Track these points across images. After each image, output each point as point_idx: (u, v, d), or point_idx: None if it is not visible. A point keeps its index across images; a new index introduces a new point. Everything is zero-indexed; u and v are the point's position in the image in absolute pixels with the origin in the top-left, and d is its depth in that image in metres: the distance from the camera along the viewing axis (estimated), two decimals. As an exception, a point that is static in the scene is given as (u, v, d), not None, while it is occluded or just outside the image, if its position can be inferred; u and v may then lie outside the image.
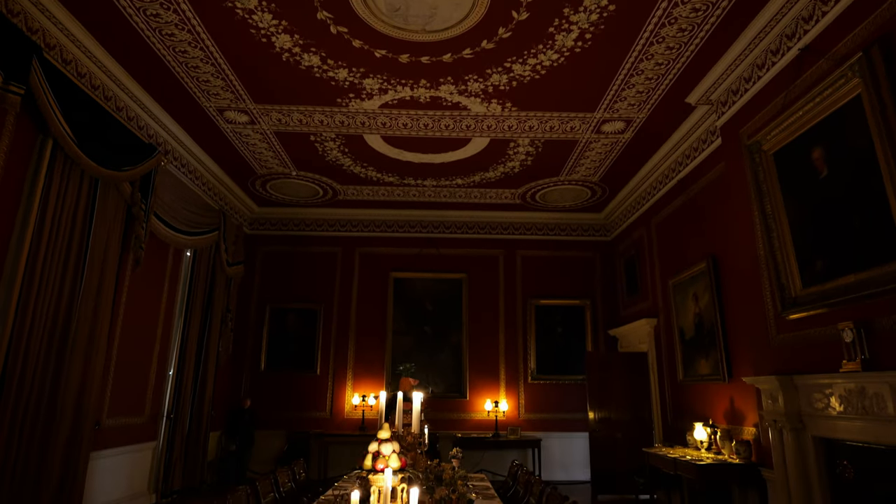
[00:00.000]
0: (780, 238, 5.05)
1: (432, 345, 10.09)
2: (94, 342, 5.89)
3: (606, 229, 10.73)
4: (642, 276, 9.15)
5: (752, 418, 6.02)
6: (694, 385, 7.31)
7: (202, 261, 8.63)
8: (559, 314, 10.33)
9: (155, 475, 7.57)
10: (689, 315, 7.39)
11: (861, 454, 4.25)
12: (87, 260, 5.81)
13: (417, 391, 2.95)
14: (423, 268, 10.44)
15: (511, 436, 9.43)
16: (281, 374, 9.94)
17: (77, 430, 5.66)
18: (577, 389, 9.77)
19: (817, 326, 4.68)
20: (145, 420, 7.41)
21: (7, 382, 4.80)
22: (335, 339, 10.13)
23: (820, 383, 4.53)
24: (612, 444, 8.48)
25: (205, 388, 8.57)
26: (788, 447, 4.85)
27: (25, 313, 4.99)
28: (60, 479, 5.46)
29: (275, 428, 9.57)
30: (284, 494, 4.94)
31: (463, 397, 9.90)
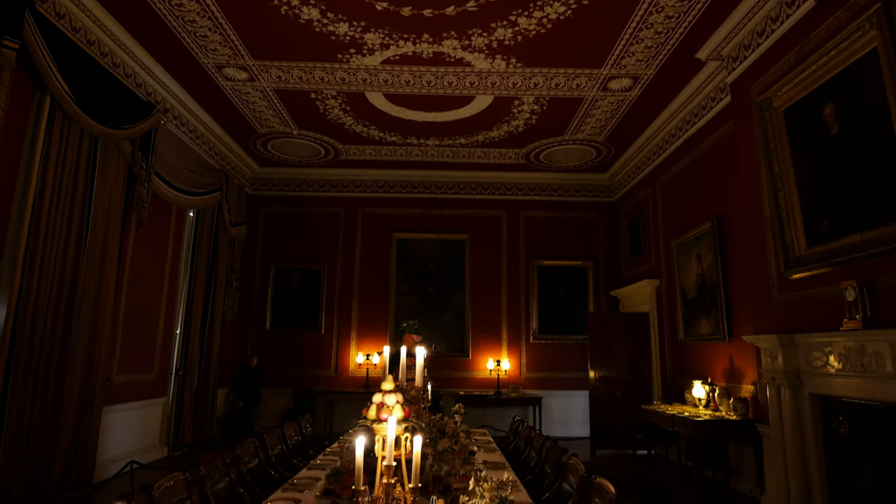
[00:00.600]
0: (787, 197, 5.00)
1: (435, 305, 10.18)
2: (100, 301, 5.96)
3: (610, 190, 10.65)
4: (645, 237, 9.13)
5: (750, 376, 6.11)
6: (694, 344, 7.39)
7: (205, 221, 8.64)
8: (561, 275, 10.37)
9: (166, 429, 7.79)
10: (692, 276, 7.41)
11: (856, 410, 4.33)
12: (91, 219, 5.82)
13: (421, 346, 2.98)
14: (425, 228, 10.43)
15: (512, 394, 9.62)
16: (286, 333, 10.08)
17: (88, 385, 5.79)
18: (578, 349, 9.89)
19: (820, 286, 4.69)
20: (154, 377, 7.57)
21: (18, 342, 4.89)
22: (339, 299, 10.22)
23: (819, 342, 4.57)
24: (612, 401, 8.65)
25: (211, 346, 8.72)
26: (785, 404, 4.94)
27: (32, 272, 5.03)
28: (75, 433, 5.62)
29: (281, 386, 9.78)
30: (292, 447, 5.08)
31: (465, 356, 10.05)
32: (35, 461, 5.11)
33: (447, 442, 3.32)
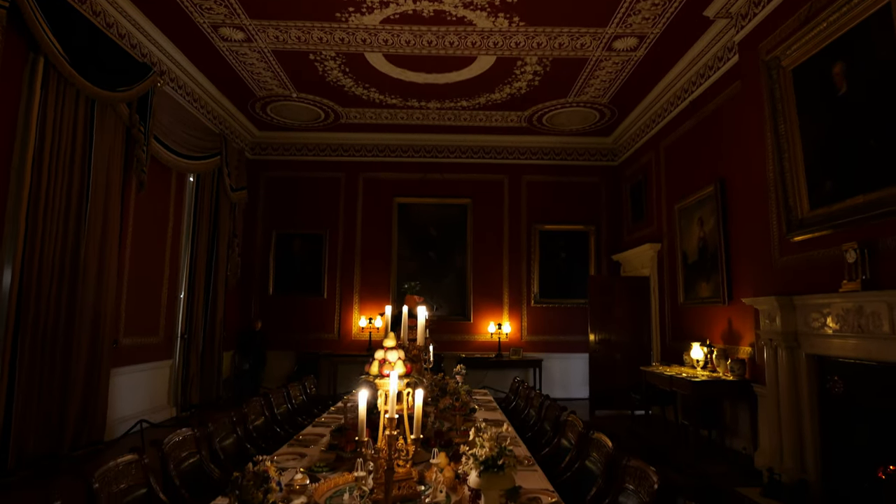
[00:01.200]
0: (792, 158, 4.95)
1: (437, 269, 10.22)
2: (104, 263, 6.00)
3: (614, 154, 10.54)
4: (648, 202, 9.09)
5: (748, 338, 6.18)
6: (694, 308, 7.45)
7: (205, 186, 8.61)
8: (563, 239, 10.38)
9: (174, 390, 7.96)
10: (693, 239, 7.41)
11: (852, 370, 4.39)
12: (91, 182, 5.80)
13: (422, 307, 3.01)
14: (427, 193, 10.39)
15: (513, 356, 9.76)
16: (289, 298, 10.17)
17: (96, 347, 5.88)
18: (578, 313, 9.97)
19: (821, 248, 4.70)
20: (161, 340, 7.68)
21: (24, 304, 4.95)
22: (341, 263, 10.27)
23: (818, 303, 4.60)
24: (611, 364, 8.78)
25: (215, 310, 8.81)
26: (782, 364, 5.01)
27: (35, 235, 5.05)
28: (85, 393, 5.75)
29: (285, 349, 9.92)
30: (296, 406, 5.20)
31: (467, 320, 10.16)
32: (47, 420, 5.24)
33: (448, 399, 3.39)
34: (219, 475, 3.07)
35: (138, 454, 2.61)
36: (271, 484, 1.67)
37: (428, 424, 3.16)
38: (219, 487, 2.65)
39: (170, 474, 2.76)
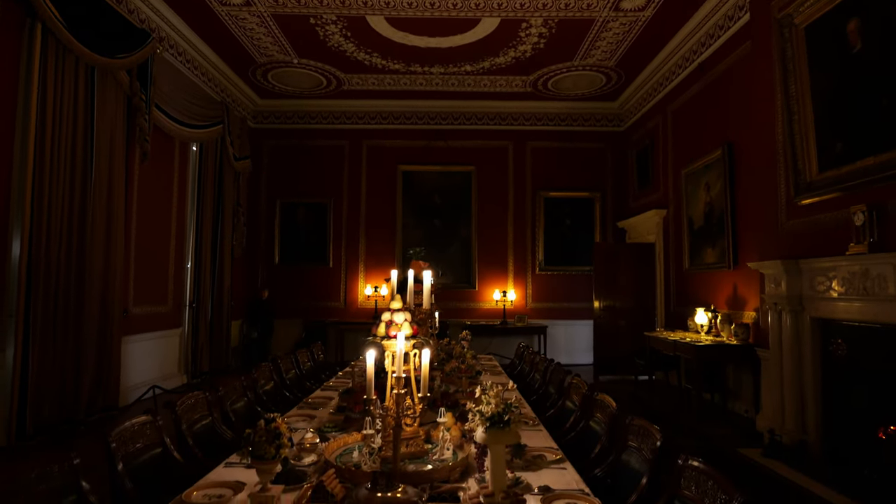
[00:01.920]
0: (802, 120, 4.87)
1: (442, 237, 10.23)
2: (111, 233, 6.04)
3: (620, 119, 10.39)
4: (654, 167, 9.00)
5: (752, 303, 6.20)
6: (699, 273, 7.46)
7: (209, 156, 8.57)
8: (568, 206, 10.33)
9: (184, 358, 8.10)
10: (700, 205, 7.36)
11: (855, 333, 4.41)
12: (94, 151, 5.79)
13: (427, 271, 3.03)
14: (431, 160, 10.31)
15: (518, 323, 9.84)
16: (295, 267, 10.24)
17: (106, 316, 5.97)
18: (583, 280, 10.00)
19: (828, 211, 4.67)
20: (169, 309, 7.77)
21: (34, 273, 5.00)
22: (346, 232, 10.29)
23: (824, 266, 4.59)
24: (616, 330, 8.84)
25: (222, 279, 8.89)
26: (786, 328, 5.04)
27: (41, 204, 5.07)
28: (97, 360, 5.86)
29: (292, 317, 10.03)
30: (305, 372, 5.29)
31: (472, 288, 10.21)
32: (61, 386, 5.36)
33: (455, 363, 3.44)
34: (231, 436, 3.15)
35: (152, 415, 2.67)
36: (283, 440, 1.71)
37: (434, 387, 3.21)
38: (231, 448, 2.73)
39: (183, 434, 2.83)
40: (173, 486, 2.11)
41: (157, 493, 2.21)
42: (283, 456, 1.73)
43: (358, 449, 2.37)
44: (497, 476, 1.78)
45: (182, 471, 2.52)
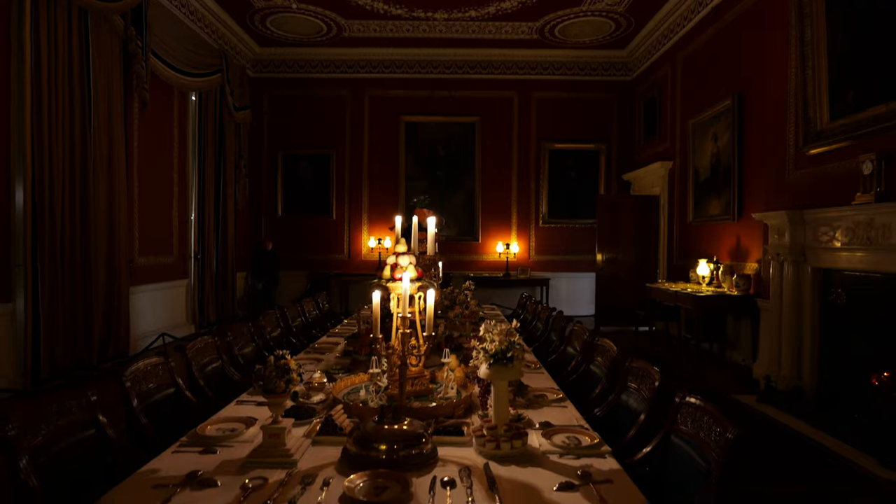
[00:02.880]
0: (815, 67, 4.75)
1: (445, 189, 10.16)
2: (113, 184, 6.02)
3: (628, 68, 10.12)
4: (662, 118, 8.84)
5: (755, 255, 6.21)
6: (702, 225, 7.45)
7: (208, 106, 8.43)
8: (573, 158, 10.21)
9: (191, 308, 8.23)
10: (706, 156, 7.27)
11: (856, 282, 4.45)
12: (92, 101, 5.70)
13: (431, 217, 3.03)
14: (434, 111, 10.13)
15: (521, 275, 9.92)
16: (298, 219, 10.24)
17: (112, 265, 6.03)
18: (586, 232, 10.00)
19: (836, 161, 4.62)
20: (175, 260, 7.84)
21: (39, 225, 5.04)
22: (349, 184, 10.24)
23: (829, 216, 4.58)
24: (617, 282, 8.91)
25: (226, 231, 8.92)
26: (787, 279, 5.07)
27: (42, 156, 5.05)
28: (107, 309, 5.97)
29: (296, 269, 10.11)
30: (311, 320, 5.38)
31: (475, 240, 10.24)
32: (73, 334, 5.48)
33: (459, 309, 3.49)
34: (240, 378, 3.24)
35: (163, 357, 2.75)
36: (292, 375, 1.77)
37: (438, 333, 3.28)
38: (240, 389, 2.81)
39: (194, 376, 2.91)
40: (187, 423, 2.19)
41: (172, 429, 2.29)
42: (292, 390, 1.78)
43: (364, 388, 2.44)
44: (500, 410, 1.84)
45: (195, 409, 2.61)
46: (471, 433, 1.94)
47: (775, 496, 3.19)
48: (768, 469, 3.61)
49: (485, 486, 1.59)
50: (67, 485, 1.86)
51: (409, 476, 1.61)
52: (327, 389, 2.45)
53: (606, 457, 1.84)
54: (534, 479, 1.65)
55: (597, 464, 1.77)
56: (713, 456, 1.78)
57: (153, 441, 2.19)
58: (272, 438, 1.77)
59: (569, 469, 1.72)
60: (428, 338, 2.01)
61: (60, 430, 1.95)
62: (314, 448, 1.88)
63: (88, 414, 2.10)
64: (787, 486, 3.35)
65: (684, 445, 1.98)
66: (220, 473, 1.68)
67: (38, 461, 1.78)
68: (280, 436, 1.76)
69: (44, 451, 1.84)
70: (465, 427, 2.01)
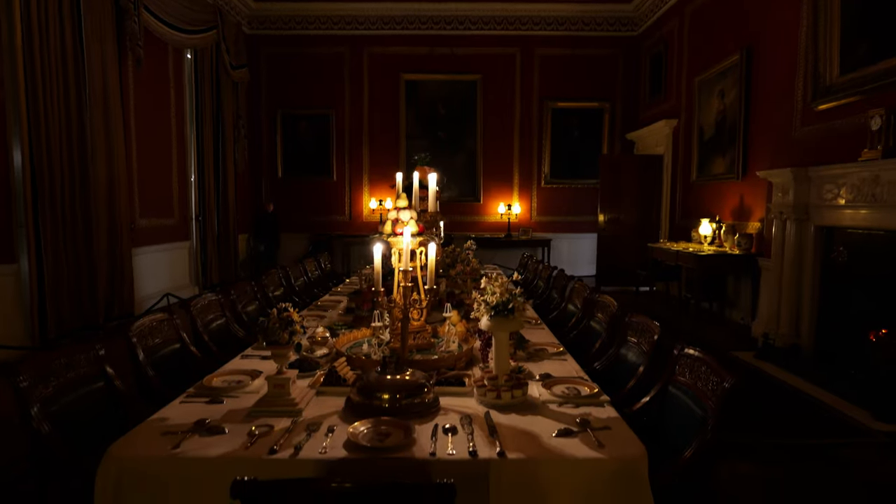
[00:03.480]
0: (828, 19, 4.62)
1: (447, 149, 10.03)
2: (111, 144, 5.97)
3: (634, 23, 9.83)
4: (668, 75, 8.65)
5: (758, 214, 6.19)
6: (706, 185, 7.39)
7: (204, 64, 8.26)
8: (576, 117, 10.04)
9: (194, 270, 8.28)
10: (712, 113, 7.15)
11: (858, 239, 4.44)
12: (86, 59, 5.58)
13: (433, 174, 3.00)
14: (435, 69, 9.91)
15: (522, 236, 9.92)
16: (299, 181, 10.18)
17: (114, 227, 6.04)
18: (589, 193, 9.93)
19: (844, 117, 4.55)
20: (176, 222, 7.84)
21: (39, 185, 5.01)
22: (349, 145, 10.12)
23: (834, 174, 4.53)
24: (619, 243, 8.91)
25: (227, 193, 8.89)
26: (789, 237, 5.07)
27: (38, 116, 4.99)
28: (110, 270, 6.00)
29: (298, 231, 10.11)
30: (313, 280, 5.42)
31: (477, 201, 10.19)
32: (78, 295, 5.53)
33: (460, 266, 3.50)
34: (244, 335, 3.29)
35: (168, 313, 2.78)
36: (295, 326, 1.79)
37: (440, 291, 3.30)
38: (245, 345, 2.85)
39: (198, 331, 2.95)
40: (192, 378, 2.23)
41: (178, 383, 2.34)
42: (295, 342, 1.81)
43: (367, 342, 2.47)
44: (501, 361, 1.86)
45: (200, 364, 2.65)
46: (472, 384, 1.97)
47: (769, 447, 3.27)
48: (763, 423, 3.69)
49: (485, 432, 1.63)
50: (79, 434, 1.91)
51: (411, 423, 1.65)
52: (330, 344, 2.49)
53: (605, 406, 1.88)
54: (533, 426, 1.69)
55: (595, 412, 1.81)
56: (710, 405, 1.82)
57: (160, 393, 2.24)
58: (277, 388, 1.80)
59: (568, 417, 1.76)
60: (429, 291, 2.02)
61: (70, 382, 1.99)
62: (318, 398, 1.92)
63: (96, 367, 2.14)
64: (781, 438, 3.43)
65: (682, 395, 2.02)
66: (227, 421, 1.72)
67: (49, 410, 1.83)
68: (285, 386, 1.80)
69: (54, 402, 1.88)
70: (466, 378, 2.05)
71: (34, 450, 1.77)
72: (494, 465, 1.46)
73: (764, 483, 2.84)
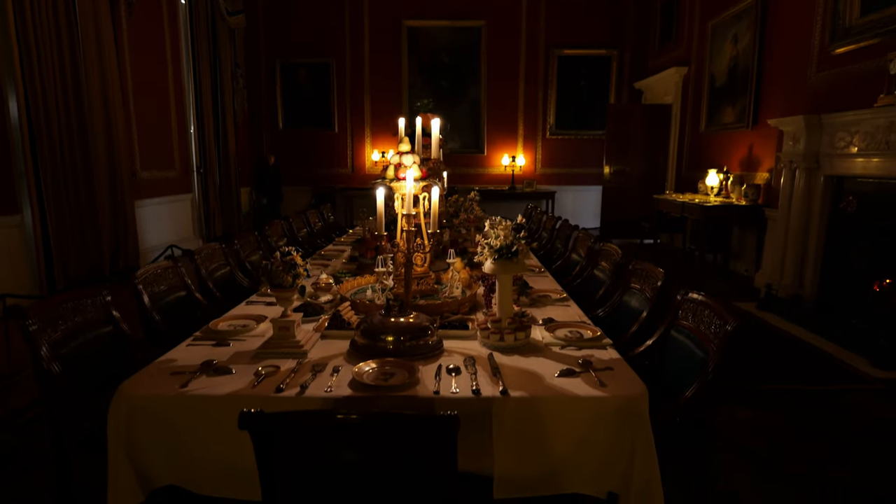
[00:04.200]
0: (850, -45, 4.38)
1: (450, 100, 9.81)
2: (107, 94, 5.85)
3: (646, -36, 9.40)
4: (679, 19, 8.33)
5: (767, 164, 6.08)
6: (715, 135, 7.24)
7: (199, 10, 7.99)
8: (583, 65, 9.75)
9: (197, 222, 8.28)
10: (725, 60, 6.93)
11: (868, 189, 4.37)
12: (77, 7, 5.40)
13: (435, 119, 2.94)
14: (437, 14, 9.56)
15: (526, 189, 9.82)
16: (300, 132, 10.02)
17: (115, 178, 6.00)
18: (594, 144, 9.77)
19: (863, 60, 4.40)
20: (177, 174, 7.78)
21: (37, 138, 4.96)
22: (350, 95, 9.90)
23: (847, 121, 4.42)
24: (624, 195, 8.82)
25: (227, 144, 8.78)
26: (798, 187, 4.99)
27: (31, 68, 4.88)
28: (113, 222, 6.00)
29: (300, 184, 10.04)
30: (316, 231, 5.41)
31: (480, 152, 10.04)
32: (83, 247, 5.55)
33: (464, 215, 3.48)
34: (248, 283, 3.30)
35: (173, 261, 2.78)
36: (299, 269, 1.78)
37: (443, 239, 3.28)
38: (249, 293, 2.86)
39: (203, 279, 2.96)
40: (198, 324, 2.25)
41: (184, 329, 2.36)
42: (299, 285, 1.81)
43: (371, 288, 2.48)
44: (504, 304, 1.87)
45: (205, 311, 2.68)
46: (475, 327, 1.99)
47: (767, 393, 3.32)
48: (763, 370, 3.74)
49: (489, 372, 1.65)
50: (89, 378, 1.95)
51: (415, 364, 1.66)
52: (334, 290, 2.50)
53: (607, 348, 1.89)
54: (536, 367, 1.70)
55: (598, 354, 1.82)
56: (712, 347, 1.83)
57: (167, 338, 2.27)
58: (282, 331, 1.82)
59: (570, 358, 1.77)
60: (433, 236, 2.01)
61: (78, 327, 2.02)
62: (323, 342, 1.94)
63: (103, 312, 2.16)
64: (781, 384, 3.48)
65: (684, 339, 2.03)
66: (233, 363, 1.74)
67: (58, 353, 1.86)
68: (290, 328, 1.81)
69: (63, 345, 1.91)
70: (469, 322, 2.06)
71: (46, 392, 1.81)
72: (497, 403, 1.48)
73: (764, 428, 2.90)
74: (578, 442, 1.49)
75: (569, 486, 1.51)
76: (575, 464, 1.50)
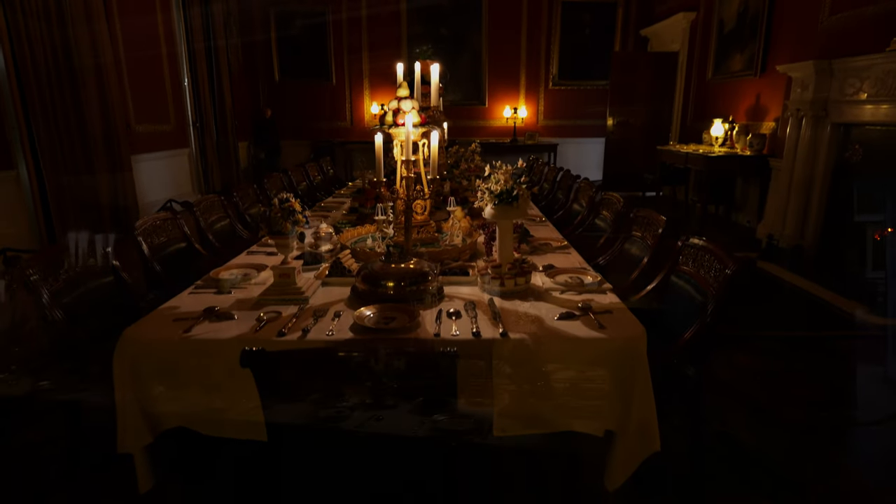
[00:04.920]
0: None
1: (450, 49, 9.52)
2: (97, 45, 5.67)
3: None
4: (688, -39, 7.99)
5: (773, 113, 5.96)
6: (722, 84, 7.06)
7: (188, -47, 7.66)
8: (588, 12, 9.41)
9: (196, 177, 8.20)
10: (734, 4, 6.68)
11: (876, 136, 4.30)
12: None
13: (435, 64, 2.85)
14: (437, -43, 9.18)
15: (528, 141, 9.67)
16: (297, 84, 9.78)
17: (110, 132, 5.90)
18: (598, 95, 9.55)
19: (878, 1, 4.22)
20: (173, 128, 7.64)
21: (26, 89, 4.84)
22: (347, 45, 9.60)
23: (858, 66, 4.30)
24: (628, 147, 8.68)
25: (223, 97, 8.59)
26: (804, 135, 4.91)
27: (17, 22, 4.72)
28: (111, 175, 5.95)
29: (299, 138, 9.88)
30: (315, 184, 5.36)
31: (482, 104, 9.84)
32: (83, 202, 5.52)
33: (464, 165, 3.43)
34: (248, 235, 3.30)
35: (172, 212, 2.77)
36: (297, 216, 1.77)
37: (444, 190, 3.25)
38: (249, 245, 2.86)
39: (203, 230, 2.96)
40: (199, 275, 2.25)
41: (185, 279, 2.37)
42: (298, 231, 1.80)
43: (371, 237, 2.47)
44: (504, 250, 1.86)
45: (206, 262, 2.68)
46: (476, 274, 1.99)
47: (766, 340, 3.36)
48: (763, 318, 3.78)
49: (489, 316, 1.66)
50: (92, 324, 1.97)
51: (416, 308, 1.67)
52: (334, 240, 2.49)
53: (607, 293, 1.89)
54: (536, 311, 1.71)
55: (598, 298, 1.82)
56: (711, 291, 1.83)
57: (168, 287, 2.28)
58: (283, 278, 1.82)
59: (570, 303, 1.78)
60: (432, 182, 1.98)
61: (79, 276, 2.02)
62: (324, 288, 1.95)
63: (104, 262, 2.16)
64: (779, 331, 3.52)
65: (684, 284, 2.04)
66: (235, 309, 1.75)
67: (61, 302, 1.87)
68: (290, 275, 1.81)
69: (65, 294, 1.92)
70: (470, 269, 2.06)
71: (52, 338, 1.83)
72: (497, 345, 1.50)
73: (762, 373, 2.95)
74: (577, 382, 1.51)
75: (567, 424, 1.55)
76: (574, 403, 1.53)
